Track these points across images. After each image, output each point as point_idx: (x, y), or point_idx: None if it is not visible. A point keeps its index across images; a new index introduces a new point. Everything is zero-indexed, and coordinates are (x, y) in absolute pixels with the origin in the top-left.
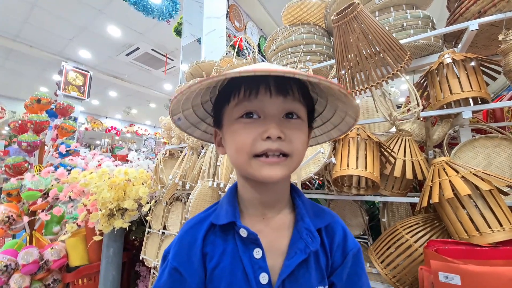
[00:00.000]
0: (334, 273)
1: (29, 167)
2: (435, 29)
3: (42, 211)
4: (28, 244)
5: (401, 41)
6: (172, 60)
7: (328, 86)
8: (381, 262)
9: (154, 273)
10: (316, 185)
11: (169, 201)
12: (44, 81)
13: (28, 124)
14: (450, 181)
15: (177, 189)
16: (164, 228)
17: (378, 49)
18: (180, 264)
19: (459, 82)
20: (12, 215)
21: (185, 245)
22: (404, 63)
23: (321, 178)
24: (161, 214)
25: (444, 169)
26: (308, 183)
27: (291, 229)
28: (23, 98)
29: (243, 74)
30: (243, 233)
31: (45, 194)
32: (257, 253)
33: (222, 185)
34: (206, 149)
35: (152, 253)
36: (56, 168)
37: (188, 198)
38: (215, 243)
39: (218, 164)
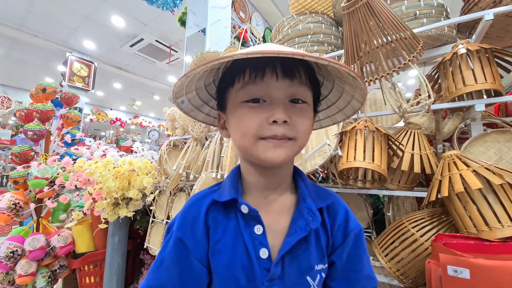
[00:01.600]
0: (335, 252)
1: (35, 155)
2: (449, 18)
3: (49, 199)
4: (35, 231)
5: (414, 30)
6: (176, 51)
7: (336, 68)
8: (385, 256)
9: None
10: (320, 178)
11: (173, 191)
12: (49, 72)
13: (34, 113)
14: (460, 174)
15: (181, 180)
16: (168, 218)
17: (389, 38)
18: (184, 235)
19: (473, 74)
20: (18, 202)
21: (189, 218)
22: (417, 53)
23: (325, 171)
24: (165, 204)
25: (454, 162)
26: (312, 176)
27: (293, 209)
28: (29, 88)
29: (250, 55)
30: (244, 209)
31: (51, 182)
32: (257, 229)
33: (225, 177)
34: (210, 141)
35: (156, 242)
36: (62, 157)
37: (191, 188)
38: (218, 219)
39: (222, 155)
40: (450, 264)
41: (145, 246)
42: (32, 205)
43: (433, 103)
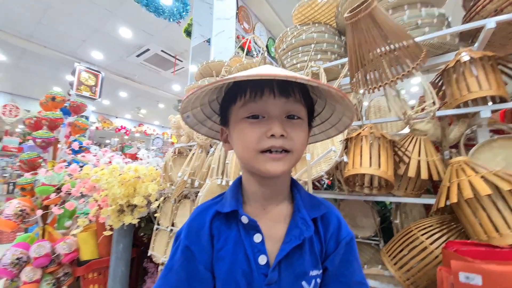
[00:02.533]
0: (328, 259)
1: (43, 162)
2: (450, 27)
3: (55, 205)
4: (40, 238)
5: (416, 39)
6: (181, 61)
7: (326, 89)
8: (394, 264)
9: (161, 270)
10: (325, 186)
11: (177, 198)
12: (57, 81)
13: (43, 121)
14: (469, 181)
15: (185, 187)
16: (173, 225)
17: (392, 47)
18: (191, 243)
19: (477, 81)
20: (25, 209)
21: (195, 228)
22: (420, 61)
23: (330, 179)
24: (169, 211)
25: (462, 169)
26: (317, 183)
27: (289, 219)
28: (37, 97)
29: (250, 78)
30: (244, 220)
31: (58, 189)
32: (257, 238)
33: (230, 183)
34: (215, 148)
35: (160, 250)
36: (69, 164)
37: (196, 195)
38: (220, 229)
39: (227, 162)
40: (462, 270)
41: (149, 254)
42: (39, 212)
43: (438, 110)
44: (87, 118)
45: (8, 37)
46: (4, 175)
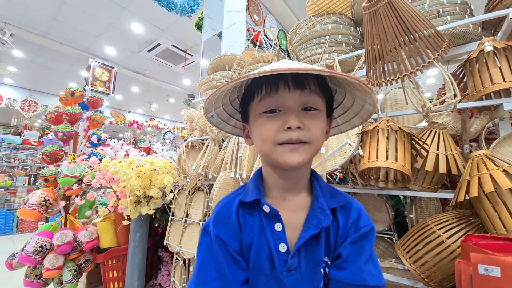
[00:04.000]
0: (342, 245)
1: (64, 155)
2: (473, 15)
3: (76, 196)
4: (62, 227)
5: (438, 28)
6: (192, 55)
7: (338, 78)
8: (409, 258)
9: (177, 258)
10: (337, 180)
11: (191, 190)
12: (73, 77)
13: (63, 116)
14: (490, 174)
15: (199, 179)
16: (187, 216)
17: (413, 36)
18: (220, 232)
19: (501, 72)
20: (48, 199)
21: (222, 218)
22: (442, 51)
23: (342, 173)
24: (183, 203)
25: (483, 162)
26: (329, 177)
27: (308, 209)
28: (54, 92)
29: (262, 74)
30: (266, 209)
31: (79, 181)
32: (278, 227)
33: (244, 176)
34: (228, 142)
35: (175, 240)
36: (89, 157)
37: (209, 188)
38: (245, 217)
39: (240, 155)
40: (481, 262)
41: (164, 243)
42: (62, 202)
43: (459, 102)
44: (101, 112)
45: (25, 33)
46: (26, 167)
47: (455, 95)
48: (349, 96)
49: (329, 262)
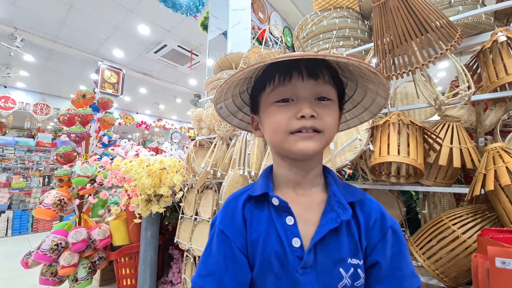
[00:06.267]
0: (374, 250)
1: (77, 156)
2: (485, 5)
3: (90, 195)
4: (77, 225)
5: (450, 19)
6: (197, 55)
7: (356, 65)
8: (423, 254)
9: (187, 256)
10: (346, 176)
11: (200, 188)
12: (83, 80)
13: (75, 117)
14: (507, 167)
15: (208, 177)
16: (196, 214)
17: (424, 28)
18: (225, 227)
19: None
20: (63, 199)
21: (229, 212)
22: (455, 42)
23: (352, 169)
24: (193, 201)
25: (500, 155)
26: (338, 174)
27: (323, 205)
28: (65, 95)
29: (280, 59)
30: (275, 201)
31: (92, 180)
32: (289, 220)
33: (253, 173)
34: (236, 140)
35: (185, 237)
36: (100, 157)
37: (218, 186)
38: (253, 212)
39: (248, 153)
40: (498, 256)
41: (175, 241)
42: (77, 201)
43: (473, 94)
44: (111, 113)
45: (35, 38)
46: (40, 168)
47: (469, 87)
48: (360, 89)
49: (360, 263)
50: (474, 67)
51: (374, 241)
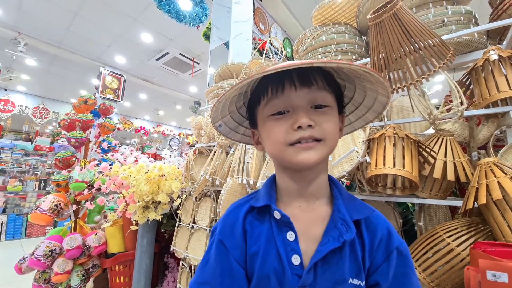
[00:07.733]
0: (377, 271)
1: (76, 161)
2: (478, 25)
3: (87, 201)
4: (72, 231)
5: (443, 37)
6: (198, 63)
7: (348, 68)
8: (418, 266)
9: (183, 265)
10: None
11: (198, 196)
12: (84, 85)
13: (76, 123)
14: (498, 182)
15: (206, 185)
16: (194, 222)
17: (418, 46)
18: (224, 237)
19: (507, 80)
20: (60, 204)
21: (229, 223)
22: (447, 60)
23: (349, 180)
24: (191, 209)
25: (491, 170)
26: None
27: (327, 219)
28: (65, 100)
29: (266, 73)
30: (277, 215)
31: (90, 186)
32: (290, 236)
33: (251, 182)
34: (235, 148)
35: (182, 245)
36: (99, 163)
37: (216, 194)
38: (253, 224)
39: (247, 161)
40: (490, 269)
41: (171, 249)
42: (74, 207)
43: (466, 110)
44: (111, 119)
45: (39, 43)
46: (36, 173)
47: (461, 103)
48: (360, 90)
49: (362, 284)
50: (467, 83)
51: (378, 262)
